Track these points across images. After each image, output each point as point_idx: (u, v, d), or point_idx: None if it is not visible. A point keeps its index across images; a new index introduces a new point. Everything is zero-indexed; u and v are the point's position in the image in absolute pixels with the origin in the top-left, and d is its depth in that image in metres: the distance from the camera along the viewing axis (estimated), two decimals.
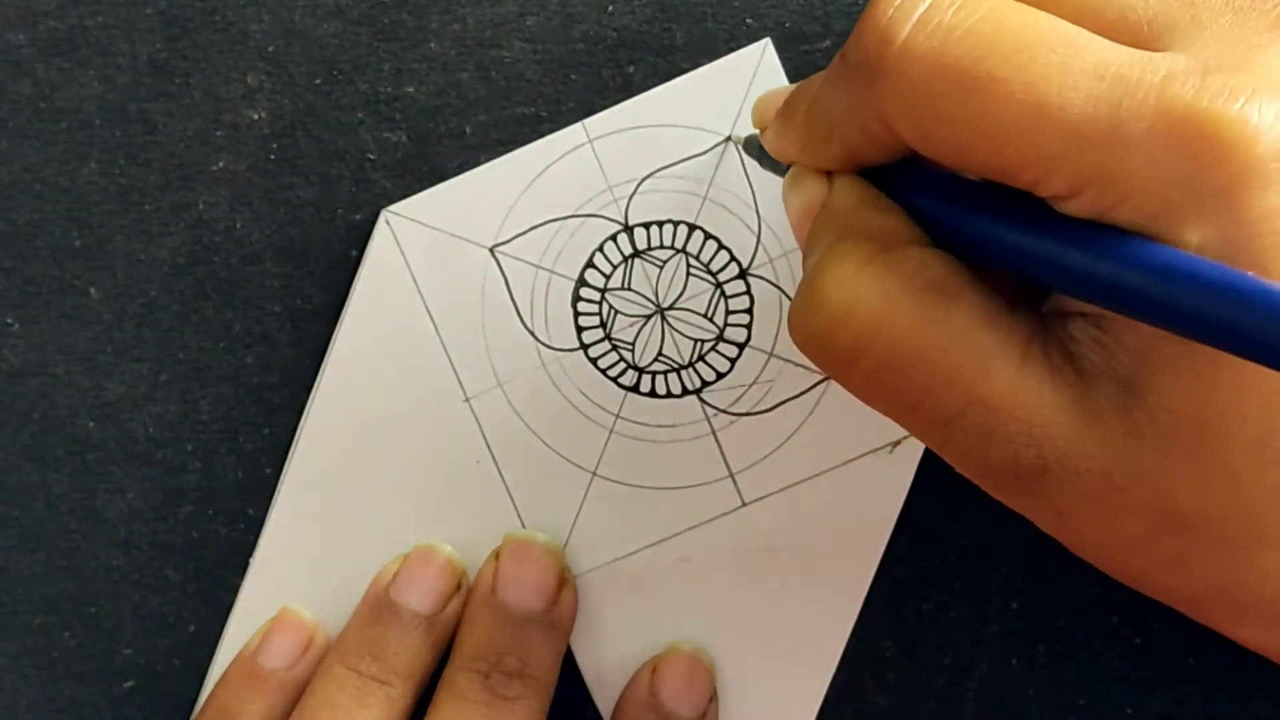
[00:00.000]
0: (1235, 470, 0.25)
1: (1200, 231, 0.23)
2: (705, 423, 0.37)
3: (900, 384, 0.26)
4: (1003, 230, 0.26)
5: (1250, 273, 0.23)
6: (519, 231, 0.37)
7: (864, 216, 0.28)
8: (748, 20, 0.37)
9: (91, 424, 0.38)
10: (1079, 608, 0.37)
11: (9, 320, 0.37)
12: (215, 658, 0.38)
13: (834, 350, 0.27)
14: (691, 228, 0.37)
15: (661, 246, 0.37)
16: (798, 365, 0.37)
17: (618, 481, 0.37)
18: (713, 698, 0.37)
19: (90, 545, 0.38)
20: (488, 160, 0.37)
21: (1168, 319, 0.23)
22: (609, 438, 0.37)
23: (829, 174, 0.29)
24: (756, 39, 0.37)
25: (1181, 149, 0.23)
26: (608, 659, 0.38)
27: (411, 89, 0.37)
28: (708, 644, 0.37)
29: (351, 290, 0.37)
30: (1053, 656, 0.37)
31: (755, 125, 0.33)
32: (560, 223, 0.37)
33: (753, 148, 0.35)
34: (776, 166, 0.32)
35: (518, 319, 0.37)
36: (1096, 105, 0.24)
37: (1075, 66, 0.24)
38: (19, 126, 0.37)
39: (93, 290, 0.37)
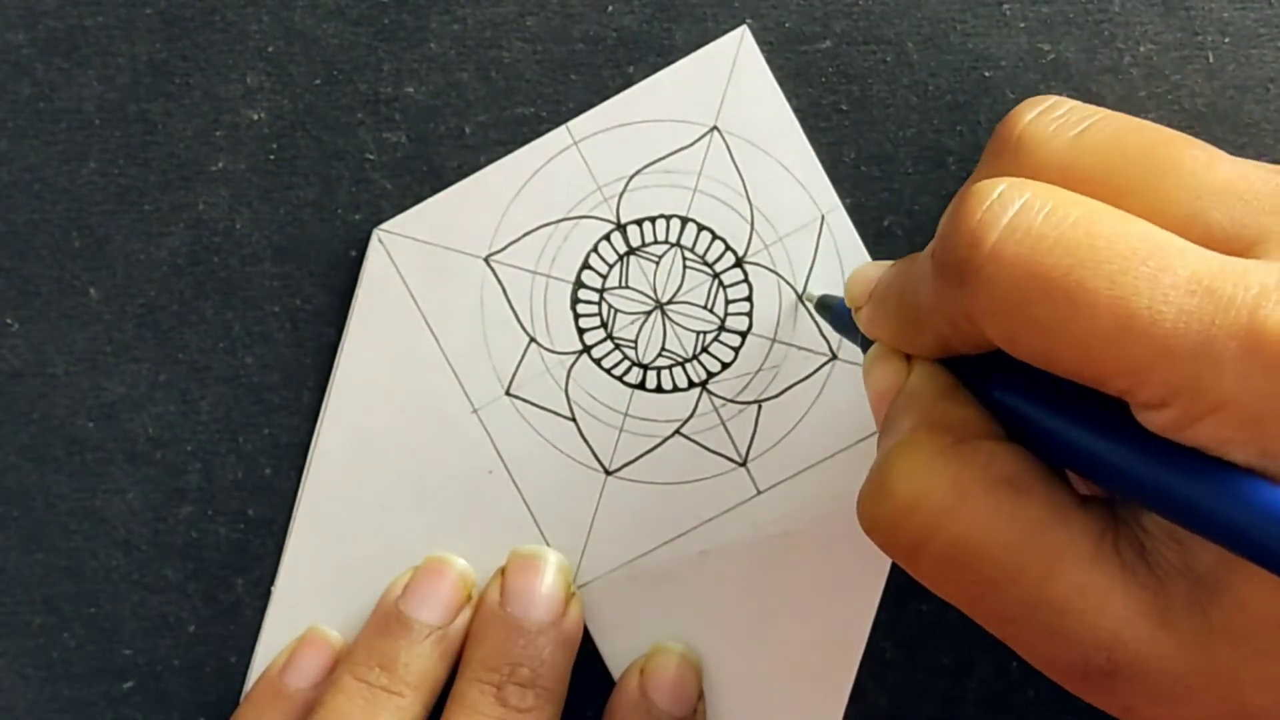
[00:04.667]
0: None
1: None
2: (714, 414, 0.37)
3: (965, 578, 0.26)
4: (1081, 436, 0.26)
5: None
6: (512, 239, 0.37)
7: (940, 407, 0.28)
8: (748, 20, 0.37)
9: (91, 424, 0.38)
10: None
11: (9, 320, 0.37)
12: (245, 688, 0.38)
13: (899, 539, 0.26)
14: (684, 221, 0.37)
15: (655, 242, 0.37)
16: (801, 349, 0.37)
17: (632, 480, 0.37)
18: (701, 695, 0.37)
19: (90, 545, 0.38)
20: (487, 161, 0.37)
21: (1255, 557, 0.23)
22: (619, 436, 0.37)
23: (909, 356, 0.29)
24: (757, 39, 0.37)
25: (1272, 369, 0.23)
26: (635, 657, 0.38)
27: (411, 89, 0.37)
28: (734, 635, 0.37)
29: (350, 311, 0.37)
30: None
31: (849, 302, 0.32)
32: (553, 226, 0.37)
33: (825, 310, 0.35)
34: (854, 336, 0.32)
35: (518, 326, 0.37)
36: (1188, 321, 0.23)
37: (1166, 280, 0.23)
38: (19, 126, 0.37)
39: (92, 290, 0.37)
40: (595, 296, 0.37)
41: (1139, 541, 0.26)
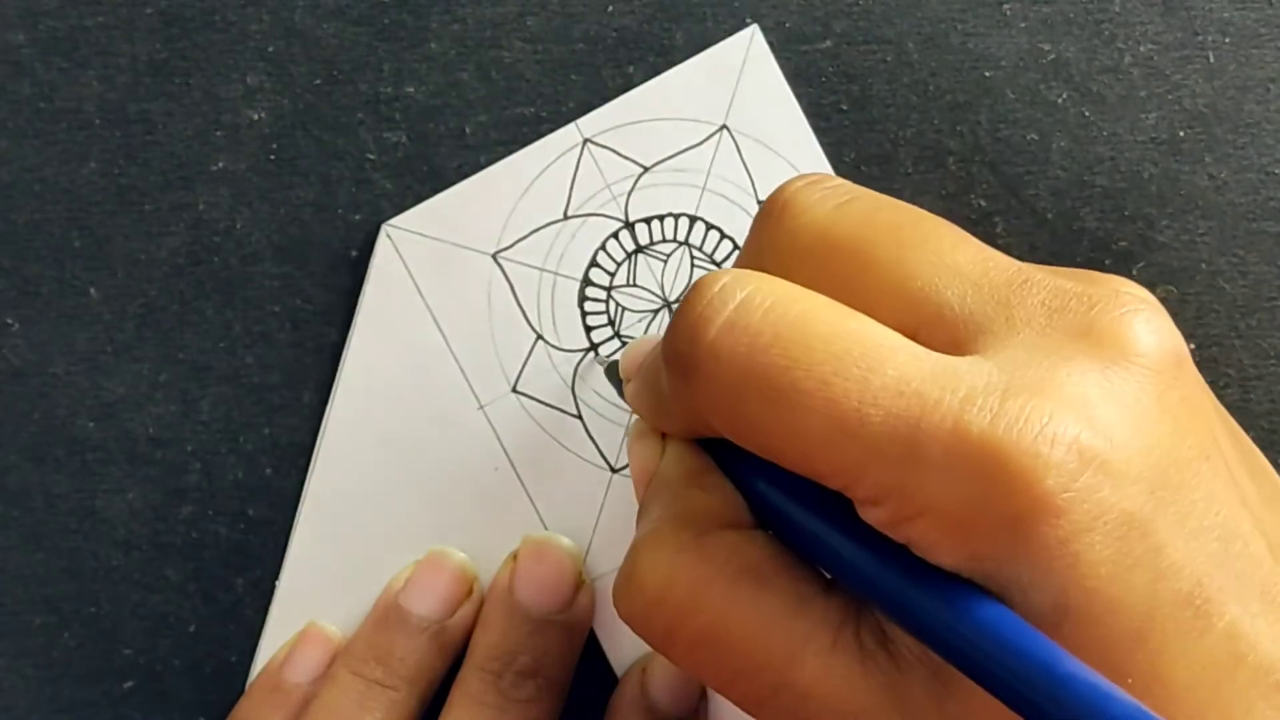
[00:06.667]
0: None
1: (992, 557, 0.23)
2: None
3: (715, 665, 0.27)
4: (810, 524, 0.26)
5: (1039, 641, 0.23)
6: (520, 236, 0.37)
7: (687, 495, 0.28)
8: (747, 20, 0.37)
9: (91, 424, 0.38)
10: None
11: (9, 320, 0.37)
12: (248, 684, 0.38)
13: (652, 628, 0.27)
14: (692, 219, 0.37)
15: (664, 240, 0.37)
16: None
17: None
18: (703, 695, 0.37)
19: (90, 545, 0.38)
20: (487, 161, 0.37)
21: (954, 661, 0.24)
22: (625, 435, 0.37)
23: (665, 436, 0.30)
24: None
25: (974, 474, 0.23)
26: (639, 656, 0.38)
27: (411, 89, 0.37)
28: None
29: (357, 307, 0.37)
30: None
31: (622, 373, 0.33)
32: (561, 224, 0.37)
33: (612, 375, 0.36)
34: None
35: (525, 323, 0.37)
36: (895, 424, 0.24)
37: (876, 383, 0.24)
38: (19, 126, 0.37)
39: (93, 290, 0.37)
40: (603, 294, 0.37)
41: (880, 629, 0.26)
